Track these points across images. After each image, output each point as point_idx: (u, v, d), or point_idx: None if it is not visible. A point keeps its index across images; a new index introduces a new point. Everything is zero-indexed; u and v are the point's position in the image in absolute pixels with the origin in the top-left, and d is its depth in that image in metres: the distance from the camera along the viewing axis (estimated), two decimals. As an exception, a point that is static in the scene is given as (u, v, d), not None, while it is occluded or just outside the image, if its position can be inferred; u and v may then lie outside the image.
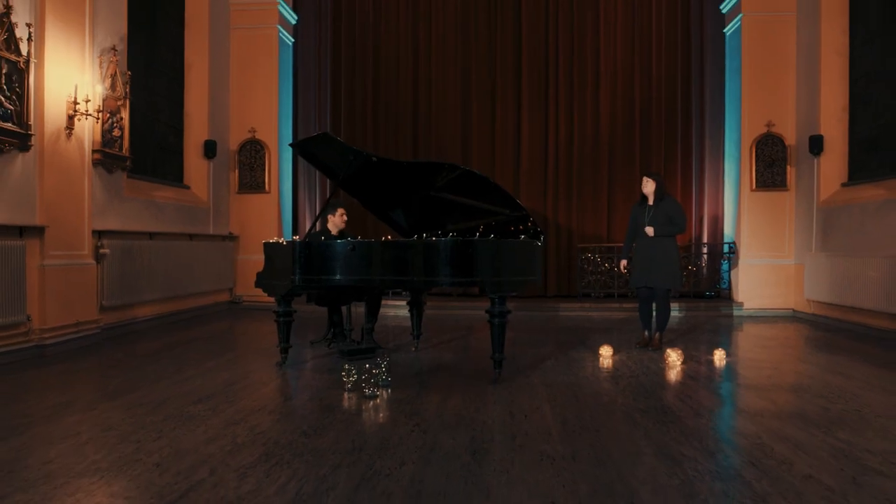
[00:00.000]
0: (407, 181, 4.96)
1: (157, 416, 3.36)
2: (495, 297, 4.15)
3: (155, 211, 7.16)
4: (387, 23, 9.47)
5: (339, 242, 4.37)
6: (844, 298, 6.87)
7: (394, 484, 2.44)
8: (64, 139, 5.50)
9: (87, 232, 5.78)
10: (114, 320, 6.24)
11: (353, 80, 9.54)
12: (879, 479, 2.49)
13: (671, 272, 5.43)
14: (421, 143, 9.41)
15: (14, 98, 4.95)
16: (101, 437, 3.02)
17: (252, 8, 8.83)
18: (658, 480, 2.47)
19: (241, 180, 8.88)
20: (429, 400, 3.74)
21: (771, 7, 8.18)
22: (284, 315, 4.74)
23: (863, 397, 3.82)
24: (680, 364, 4.83)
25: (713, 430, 3.20)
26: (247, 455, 2.77)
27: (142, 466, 2.62)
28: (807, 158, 7.82)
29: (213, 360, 5.03)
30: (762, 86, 8.20)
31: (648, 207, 5.56)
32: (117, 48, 6.33)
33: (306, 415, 3.43)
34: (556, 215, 9.24)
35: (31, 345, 5.11)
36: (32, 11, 5.19)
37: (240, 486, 2.41)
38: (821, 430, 3.15)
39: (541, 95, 9.25)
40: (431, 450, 2.83)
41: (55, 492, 2.36)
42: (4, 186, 4.93)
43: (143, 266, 6.67)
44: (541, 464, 2.66)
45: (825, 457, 2.75)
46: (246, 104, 8.90)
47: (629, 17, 9.19)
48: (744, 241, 8.27)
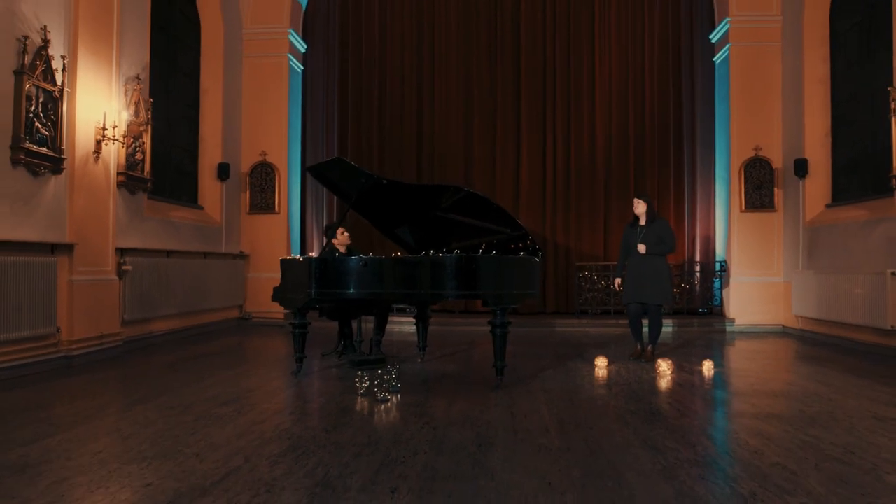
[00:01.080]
0: (414, 202, 5.32)
1: (188, 417, 3.68)
2: (497, 309, 4.49)
3: (172, 230, 7.51)
4: (392, 50, 9.92)
5: (352, 259, 4.71)
6: (830, 314, 7.19)
7: (409, 469, 2.75)
8: (92, 162, 5.87)
9: (111, 249, 6.13)
10: (133, 334, 6.56)
11: (359, 104, 9.97)
12: (838, 466, 2.80)
13: (663, 288, 5.76)
14: (425, 165, 9.81)
15: (49, 125, 5.33)
16: (141, 432, 3.33)
17: (264, 38, 9.28)
18: (643, 466, 2.79)
19: (252, 201, 9.25)
20: (436, 403, 4.05)
21: (757, 37, 8.63)
22: (300, 326, 5.07)
23: (837, 401, 4.14)
24: (670, 373, 5.14)
25: (695, 427, 3.51)
26: (275, 447, 3.08)
27: (183, 456, 2.94)
28: (793, 181, 8.20)
29: (230, 370, 5.34)
30: (750, 111, 8.61)
31: (640, 228, 5.91)
32: (141, 77, 6.74)
33: (325, 415, 3.74)
34: (554, 235, 9.60)
35: (60, 355, 5.42)
36: (66, 44, 5.60)
37: (273, 471, 2.73)
38: (793, 427, 3.47)
39: (539, 120, 9.66)
40: (441, 443, 3.15)
41: (110, 475, 2.67)
42: (39, 206, 5.29)
43: (161, 282, 7.01)
44: (539, 454, 2.98)
45: (794, 448, 3.06)
46: (257, 128, 9.30)
47: (624, 45, 9.64)
48: (734, 260, 8.61)
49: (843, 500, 2.41)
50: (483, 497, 2.44)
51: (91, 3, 5.82)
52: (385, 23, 9.96)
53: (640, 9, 9.63)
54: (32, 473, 2.69)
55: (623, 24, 9.65)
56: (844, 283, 6.94)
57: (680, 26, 9.60)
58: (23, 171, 5.10)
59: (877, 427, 3.48)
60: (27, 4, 5.14)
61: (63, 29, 5.56)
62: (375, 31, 9.97)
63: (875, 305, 6.38)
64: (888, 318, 6.17)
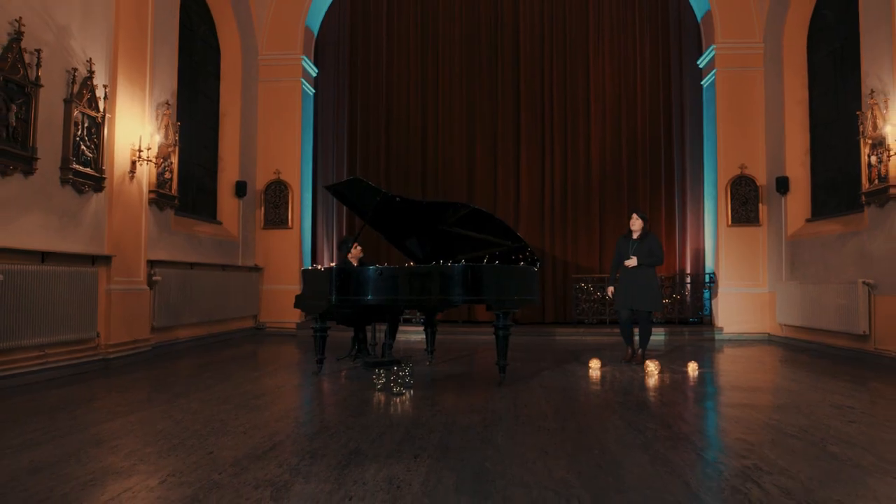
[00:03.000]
0: (423, 217, 5.85)
1: (229, 406, 4.17)
2: (500, 312, 5.00)
3: (195, 244, 8.04)
4: (398, 74, 10.52)
5: (369, 268, 5.22)
6: (811, 322, 7.70)
7: (427, 443, 3.25)
8: (127, 181, 6.42)
9: (143, 261, 6.65)
10: (161, 340, 7.05)
11: (367, 125, 10.55)
12: (791, 440, 3.30)
13: (653, 296, 6.28)
14: (429, 182, 10.36)
15: (92, 147, 5.88)
16: (191, 417, 3.83)
17: (279, 63, 9.88)
18: (625, 441, 3.29)
19: (267, 217, 9.79)
20: (446, 396, 4.55)
21: (741, 63, 9.23)
22: (321, 330, 5.58)
23: (803, 394, 4.64)
24: (657, 373, 5.64)
25: (674, 413, 4.01)
26: (309, 428, 3.58)
27: (233, 433, 3.43)
28: (775, 197, 8.75)
29: (255, 371, 5.84)
30: (735, 132, 9.19)
31: (633, 241, 6.44)
32: (170, 102, 7.30)
33: (348, 405, 4.24)
34: (552, 248, 10.13)
35: (98, 358, 5.92)
36: (107, 74, 6.17)
37: (312, 444, 3.22)
38: (759, 413, 3.97)
39: (537, 140, 10.23)
40: (452, 424, 3.65)
41: (175, 447, 3.16)
42: (82, 221, 5.82)
43: (185, 292, 7.52)
44: (538, 433, 3.47)
45: (756, 428, 3.56)
46: (272, 148, 9.87)
47: (617, 69, 10.24)
48: (722, 272, 9.13)
49: (789, 462, 2.91)
50: (490, 461, 2.94)
51: (129, 38, 6.40)
52: (392, 49, 10.57)
53: (632, 35, 10.24)
54: (108, 447, 3.18)
55: (616, 49, 10.25)
56: (822, 292, 7.45)
57: (669, 52, 10.21)
58: (70, 190, 5.64)
59: (833, 413, 3.98)
60: (76, 40, 5.72)
61: (105, 61, 6.13)
62: (383, 56, 10.57)
63: (849, 313, 6.88)
64: (860, 324, 6.67)
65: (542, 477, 2.71)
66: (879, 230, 6.63)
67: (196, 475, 2.72)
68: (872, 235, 6.76)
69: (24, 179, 5.11)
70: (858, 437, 3.38)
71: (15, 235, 5.02)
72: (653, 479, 2.67)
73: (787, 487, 2.58)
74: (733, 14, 9.29)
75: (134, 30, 6.49)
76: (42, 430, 3.49)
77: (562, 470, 2.81)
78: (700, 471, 2.81)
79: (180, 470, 2.80)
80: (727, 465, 2.87)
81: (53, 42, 5.45)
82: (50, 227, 5.42)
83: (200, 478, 2.69)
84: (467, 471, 2.79)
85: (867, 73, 6.89)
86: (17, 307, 4.91)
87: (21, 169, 5.04)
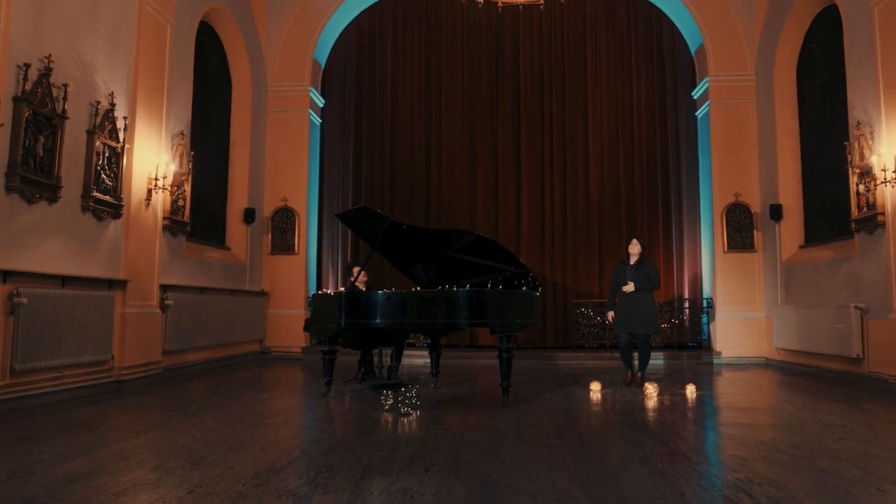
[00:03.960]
0: (429, 244, 6.08)
1: (244, 424, 4.35)
2: (503, 335, 5.20)
3: (205, 269, 8.25)
4: (403, 104, 10.85)
5: (378, 293, 5.42)
6: (806, 345, 7.87)
7: (436, 458, 3.42)
8: (143, 208, 6.66)
9: (156, 286, 6.86)
10: (171, 363, 7.21)
11: (372, 153, 10.84)
12: (782, 456, 3.48)
13: (651, 320, 6.48)
14: (432, 209, 10.61)
15: (112, 176, 6.14)
16: (209, 435, 4.00)
17: (287, 94, 10.21)
18: (624, 456, 3.46)
19: (274, 243, 10.01)
20: (452, 416, 4.72)
21: (734, 95, 9.55)
22: (330, 353, 5.76)
23: (796, 414, 4.81)
24: (656, 395, 5.80)
25: (671, 431, 4.18)
26: (324, 445, 3.75)
27: (251, 449, 3.61)
28: (769, 224, 8.99)
29: (265, 393, 6.01)
30: (729, 161, 9.47)
31: (630, 267, 6.65)
32: (184, 132, 7.59)
33: (359, 424, 4.41)
34: (553, 274, 10.34)
35: (112, 380, 6.08)
36: (127, 106, 6.45)
37: (327, 459, 3.40)
38: (754, 431, 4.14)
39: (538, 168, 10.51)
40: (460, 441, 3.82)
41: (197, 462, 3.33)
42: (100, 247, 6.04)
43: (196, 317, 7.70)
44: (540, 448, 3.65)
45: (749, 444, 3.74)
46: (279, 176, 10.14)
47: (614, 100, 10.56)
48: (719, 297, 9.33)
49: (779, 475, 3.08)
50: (497, 473, 3.11)
51: (148, 72, 6.70)
52: (396, 80, 10.91)
53: (628, 67, 10.59)
54: (134, 461, 3.36)
55: (613, 81, 10.59)
56: (817, 316, 7.64)
57: (665, 84, 10.54)
58: (90, 216, 5.88)
59: (824, 431, 4.15)
60: (100, 75, 6.01)
61: (125, 94, 6.42)
62: (388, 88, 10.91)
63: (843, 336, 7.07)
64: (854, 348, 6.85)
65: (546, 488, 2.88)
66: (869, 256, 6.85)
67: (221, 486, 2.90)
68: (863, 261, 6.98)
69: (48, 207, 5.35)
70: (847, 453, 3.55)
71: (39, 260, 5.23)
72: (651, 490, 2.85)
73: (777, 498, 2.75)
74: (725, 48, 9.64)
75: (153, 64, 6.80)
76: (69, 446, 3.66)
77: (565, 481, 2.98)
78: (695, 483, 2.98)
79: (206, 482, 2.97)
80: (721, 478, 3.05)
81: (79, 77, 5.74)
82: (71, 252, 5.64)
83: (226, 489, 2.86)
84: (476, 483, 2.97)
85: (853, 106, 7.18)
86: (39, 329, 5.10)
87: (46, 197, 5.28)
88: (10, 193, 4.95)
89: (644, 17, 10.60)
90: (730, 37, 9.64)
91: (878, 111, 6.70)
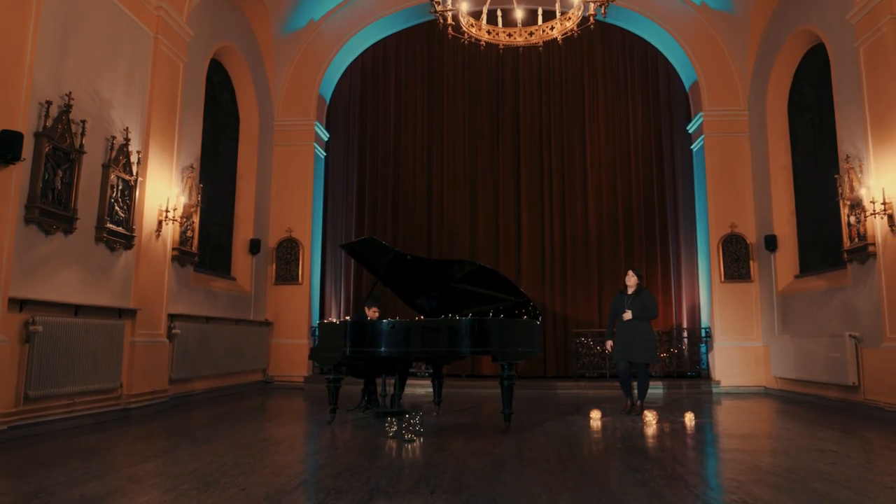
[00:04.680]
0: (431, 274, 6.25)
1: (252, 450, 4.45)
2: (504, 363, 5.32)
3: (211, 299, 8.40)
4: (405, 137, 11.12)
5: (382, 322, 5.56)
6: (803, 374, 7.97)
7: (441, 481, 3.53)
8: (154, 239, 6.84)
9: (164, 315, 7.00)
10: (177, 391, 7.31)
11: (374, 185, 11.07)
12: (776, 479, 3.58)
13: (649, 349, 6.60)
14: (434, 239, 10.79)
15: (125, 208, 6.33)
16: (220, 460, 4.10)
17: (293, 129, 10.49)
18: (623, 479, 3.57)
19: (278, 273, 10.18)
20: (455, 442, 4.82)
21: (728, 129, 9.83)
22: (335, 381, 5.87)
23: (792, 440, 4.91)
24: (655, 422, 5.90)
25: (669, 457, 4.28)
26: (331, 469, 3.86)
27: (261, 473, 3.71)
28: (765, 254, 9.17)
29: (270, 421, 6.10)
30: (724, 193, 9.69)
31: (627, 297, 6.80)
32: (194, 166, 7.81)
33: (364, 450, 4.51)
34: (553, 303, 10.47)
35: (119, 407, 6.18)
36: (140, 140, 6.68)
37: (335, 482, 3.50)
38: (750, 456, 4.24)
39: (537, 200, 10.73)
40: (463, 465, 3.93)
41: (209, 484, 3.44)
42: (112, 277, 6.21)
43: (202, 346, 7.82)
44: (542, 473, 3.76)
45: (745, 469, 3.84)
46: (284, 207, 10.36)
47: (612, 133, 10.83)
48: (717, 327, 9.45)
49: (772, 496, 3.19)
50: (500, 496, 3.22)
51: (161, 108, 6.95)
52: (399, 114, 11.21)
53: (625, 103, 10.89)
54: (148, 485, 3.47)
55: (611, 116, 10.88)
56: (813, 345, 7.76)
57: (660, 118, 10.84)
58: (103, 247, 6.06)
59: (818, 456, 4.26)
60: (115, 111, 6.26)
61: (139, 129, 6.66)
62: (391, 121, 11.20)
63: (838, 365, 7.18)
64: (850, 376, 6.96)
65: (547, 508, 3.00)
66: (862, 286, 7.01)
67: (234, 507, 3.01)
68: (856, 291, 7.13)
69: (64, 238, 5.53)
70: (839, 476, 3.66)
71: (53, 289, 5.39)
72: (648, 510, 2.96)
73: (769, 517, 2.86)
74: (719, 83, 9.95)
75: (166, 101, 7.06)
76: (83, 470, 3.77)
77: (565, 503, 3.09)
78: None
79: (220, 503, 3.08)
80: (717, 500, 3.16)
81: (96, 113, 5.97)
82: (84, 282, 5.80)
83: (239, 509, 2.98)
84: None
85: (843, 140, 7.43)
86: (52, 357, 5.23)
87: (62, 228, 5.47)
88: (28, 225, 5.13)
89: (640, 53, 10.94)
90: (723, 73, 9.96)
91: (866, 145, 6.93)
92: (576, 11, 5.28)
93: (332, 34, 10.69)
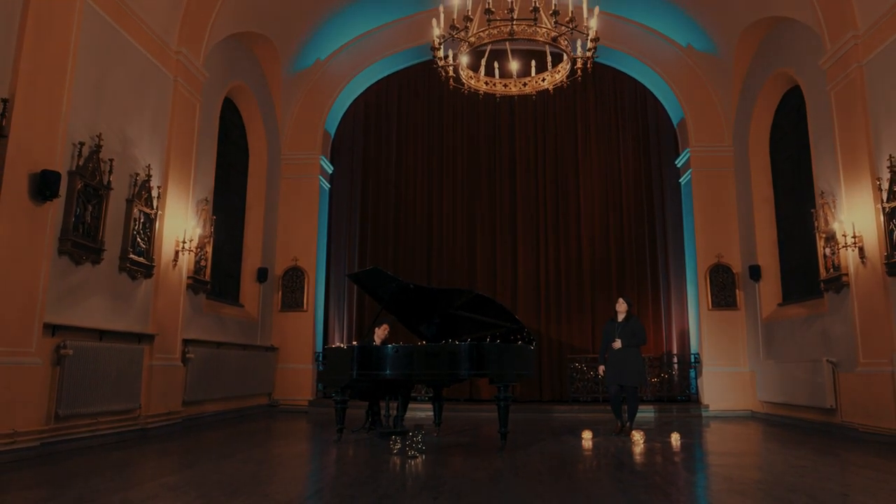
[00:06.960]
0: (433, 302, 6.67)
1: (269, 464, 4.82)
2: (500, 385, 5.72)
3: (221, 325, 8.79)
4: (406, 171, 11.64)
5: (387, 346, 5.98)
6: (786, 398, 8.35)
7: (442, 490, 3.91)
8: (171, 269, 7.27)
9: (179, 340, 7.39)
10: (190, 413, 7.66)
11: (377, 215, 11.56)
12: (746, 487, 3.97)
13: (638, 373, 7.01)
14: (434, 268, 11.23)
15: (146, 239, 6.78)
16: (239, 473, 4.47)
17: (299, 162, 11.00)
18: (607, 490, 3.96)
19: (284, 300, 10.58)
20: (455, 458, 5.20)
21: (713, 164, 10.35)
22: (341, 402, 6.26)
23: (765, 457, 5.31)
24: (643, 442, 6.27)
25: (653, 471, 4.66)
26: (343, 480, 4.24)
27: (280, 482, 4.09)
28: (750, 283, 9.61)
29: (280, 440, 6.46)
30: (711, 224, 10.18)
31: (618, 324, 7.22)
32: (208, 199, 8.29)
33: (371, 465, 4.89)
34: (548, 330, 10.88)
35: (138, 427, 6.54)
36: (160, 176, 7.15)
37: (348, 490, 3.88)
38: (725, 470, 4.63)
39: (532, 231, 11.21)
40: (462, 478, 4.31)
41: (235, 492, 3.82)
42: (133, 304, 6.62)
43: (212, 370, 8.19)
44: (534, 484, 4.14)
45: (718, 480, 4.23)
46: (290, 237, 10.81)
47: (603, 169, 11.36)
48: (706, 353, 9.85)
49: (739, 502, 3.58)
50: (496, 500, 3.60)
51: (179, 146, 7.45)
52: (401, 148, 11.74)
53: (615, 139, 11.44)
54: (177, 493, 3.84)
55: (602, 151, 11.41)
56: (794, 370, 8.16)
57: (650, 153, 11.38)
58: (125, 276, 6.48)
59: (788, 470, 4.64)
60: (139, 149, 6.74)
61: (159, 165, 7.13)
62: (393, 156, 11.73)
63: (817, 388, 7.57)
64: (827, 399, 7.35)
65: (538, 511, 3.38)
66: (838, 314, 7.44)
67: (260, 510, 3.39)
68: (833, 318, 7.56)
69: (92, 268, 5.96)
70: (802, 486, 4.05)
71: (82, 315, 5.81)
72: (626, 513, 3.35)
73: (733, 518, 3.26)
74: (704, 121, 10.51)
75: (183, 139, 7.55)
76: (119, 480, 4.14)
77: (554, 507, 3.48)
78: (666, 508, 3.48)
79: (246, 506, 3.46)
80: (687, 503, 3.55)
81: (122, 151, 6.46)
82: (108, 308, 6.21)
83: (264, 511, 3.36)
84: (478, 508, 3.47)
85: (818, 177, 7.93)
86: (80, 379, 5.62)
87: (91, 259, 5.90)
88: (61, 256, 5.57)
89: (630, 92, 11.53)
90: (708, 111, 10.52)
91: (838, 182, 7.42)
92: (564, 65, 5.81)
93: (338, 73, 11.27)
